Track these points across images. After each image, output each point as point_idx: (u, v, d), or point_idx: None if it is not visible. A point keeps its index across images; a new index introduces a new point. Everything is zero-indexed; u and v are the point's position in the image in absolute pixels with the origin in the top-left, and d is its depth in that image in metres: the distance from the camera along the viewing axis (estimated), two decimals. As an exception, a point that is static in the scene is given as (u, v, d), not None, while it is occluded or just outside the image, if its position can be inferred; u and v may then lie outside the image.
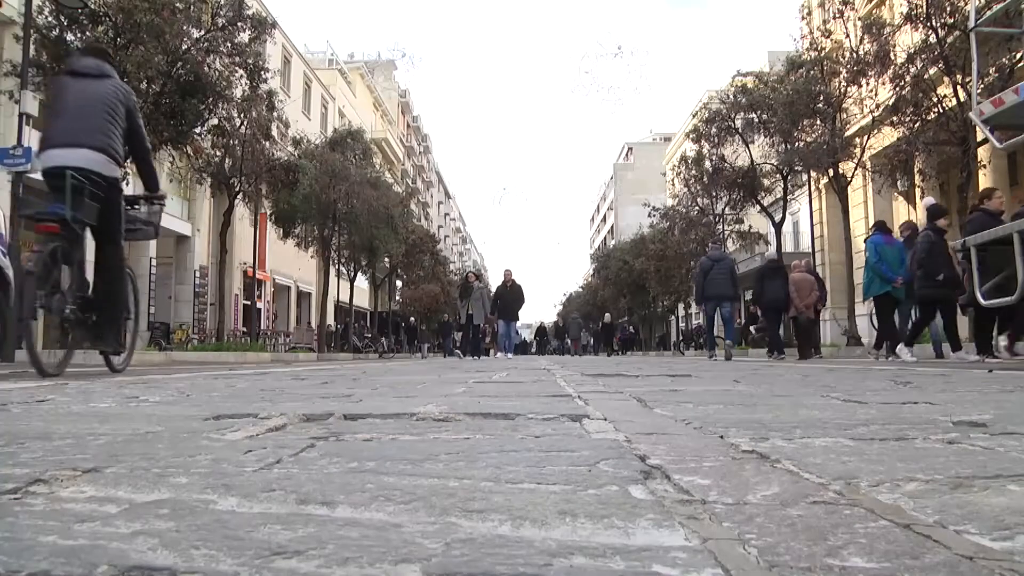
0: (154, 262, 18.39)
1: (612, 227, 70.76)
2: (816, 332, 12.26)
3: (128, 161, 4.32)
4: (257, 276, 19.57)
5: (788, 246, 24.94)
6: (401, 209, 23.61)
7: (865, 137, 15.85)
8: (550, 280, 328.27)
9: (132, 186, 7.63)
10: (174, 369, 6.93)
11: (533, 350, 51.91)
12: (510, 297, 14.14)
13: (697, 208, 23.79)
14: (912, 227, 10.33)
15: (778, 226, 19.25)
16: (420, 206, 54.77)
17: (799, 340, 11.26)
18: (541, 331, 40.87)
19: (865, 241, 10.29)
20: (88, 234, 4.05)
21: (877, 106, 14.71)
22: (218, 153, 15.13)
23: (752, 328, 17.13)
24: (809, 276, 11.29)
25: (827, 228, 22.53)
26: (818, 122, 16.34)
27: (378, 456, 1.26)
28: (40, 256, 3.65)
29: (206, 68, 11.91)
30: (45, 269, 3.68)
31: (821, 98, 16.11)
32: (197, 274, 20.26)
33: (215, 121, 13.72)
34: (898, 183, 16.34)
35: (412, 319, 30.37)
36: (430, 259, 31.28)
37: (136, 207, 4.62)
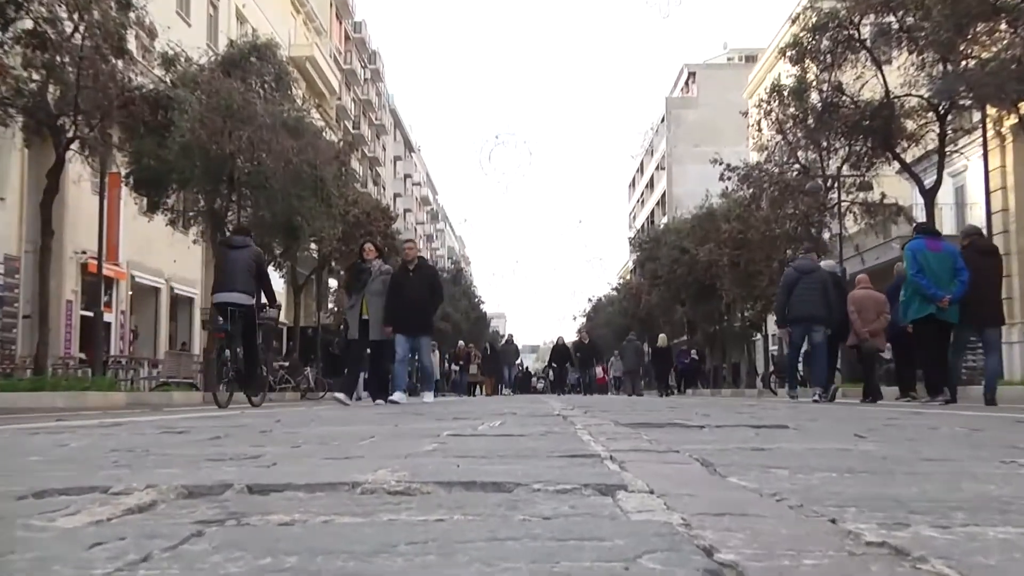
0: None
1: (663, 196, 70.96)
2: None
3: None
4: (105, 271, 19.55)
5: (947, 225, 24.86)
6: (336, 167, 23.59)
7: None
8: (567, 281, 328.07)
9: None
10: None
11: (541, 386, 50.89)
12: (413, 290, 11.59)
13: (798, 166, 23.85)
14: (976, 232, 11.14)
15: (930, 194, 19.23)
16: (366, 162, 54.89)
17: (865, 376, 12.53)
18: (560, 352, 34.30)
19: (903, 248, 10.93)
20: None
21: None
22: (36, 76, 14.99)
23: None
24: (877, 294, 12.21)
25: (1014, 196, 22.33)
26: (1003, 26, 16.05)
27: (303, 548, 1.28)
28: (217, 347, 11.00)
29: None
30: (220, 354, 10.66)
31: (1007, -13, 15.88)
32: (0, 268, 20.10)
33: (29, 24, 13.54)
34: None
35: (337, 340, 29.83)
36: (382, 243, 31.24)
37: (264, 311, 10.89)
